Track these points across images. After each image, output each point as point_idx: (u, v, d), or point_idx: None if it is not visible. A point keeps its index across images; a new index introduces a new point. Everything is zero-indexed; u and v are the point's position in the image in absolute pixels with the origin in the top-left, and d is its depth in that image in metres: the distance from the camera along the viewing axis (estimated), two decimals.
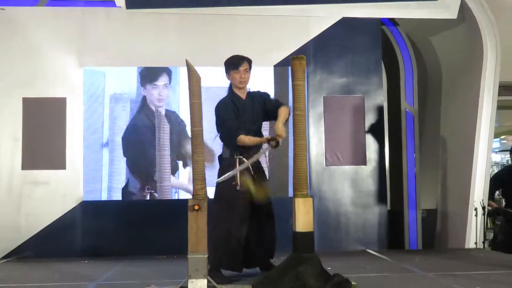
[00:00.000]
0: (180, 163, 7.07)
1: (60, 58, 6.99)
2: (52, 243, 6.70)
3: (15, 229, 6.74)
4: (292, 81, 4.14)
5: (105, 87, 7.07)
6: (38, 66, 6.95)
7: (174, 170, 7.05)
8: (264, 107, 4.76)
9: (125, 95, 7.08)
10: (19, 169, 6.83)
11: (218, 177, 4.59)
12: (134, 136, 7.04)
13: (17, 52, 6.94)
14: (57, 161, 6.86)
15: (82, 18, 7.03)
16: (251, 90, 4.94)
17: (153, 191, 6.98)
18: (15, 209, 6.78)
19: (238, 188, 4.47)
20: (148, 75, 7.11)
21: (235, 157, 4.58)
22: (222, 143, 4.81)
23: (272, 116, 4.71)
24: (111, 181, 7.02)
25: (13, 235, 6.72)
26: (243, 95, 4.75)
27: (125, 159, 7.00)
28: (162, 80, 7.11)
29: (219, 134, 4.85)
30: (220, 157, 4.82)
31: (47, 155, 6.87)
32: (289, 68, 4.32)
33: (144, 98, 7.08)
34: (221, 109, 4.73)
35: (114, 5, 6.97)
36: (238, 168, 4.44)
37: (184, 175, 7.07)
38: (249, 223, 4.57)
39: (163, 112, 7.08)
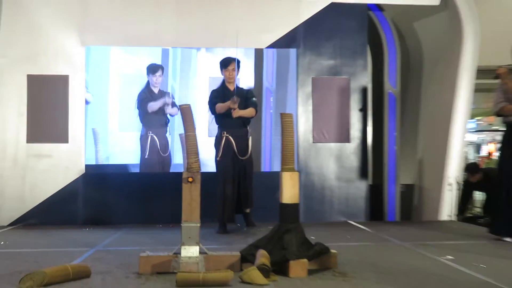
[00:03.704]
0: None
1: (62, 36, 7.14)
2: (55, 212, 6.96)
3: (20, 199, 6.99)
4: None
5: (106, 64, 7.30)
6: (41, 44, 7.09)
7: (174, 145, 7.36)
8: (245, 101, 6.03)
9: (125, 72, 7.33)
10: (24, 142, 7.05)
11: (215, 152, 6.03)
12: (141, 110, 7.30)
13: (21, 29, 7.05)
14: (60, 135, 7.08)
15: None
16: (239, 86, 6.38)
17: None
18: (20, 180, 7.03)
19: (218, 159, 5.93)
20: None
21: (223, 135, 5.94)
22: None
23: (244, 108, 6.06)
24: (111, 154, 7.27)
25: (19, 204, 6.98)
26: (231, 87, 6.10)
27: (128, 133, 7.27)
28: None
29: (214, 117, 6.17)
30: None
31: (51, 129, 7.08)
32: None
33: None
34: (212, 94, 6.14)
35: None
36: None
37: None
38: (235, 182, 5.97)
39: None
